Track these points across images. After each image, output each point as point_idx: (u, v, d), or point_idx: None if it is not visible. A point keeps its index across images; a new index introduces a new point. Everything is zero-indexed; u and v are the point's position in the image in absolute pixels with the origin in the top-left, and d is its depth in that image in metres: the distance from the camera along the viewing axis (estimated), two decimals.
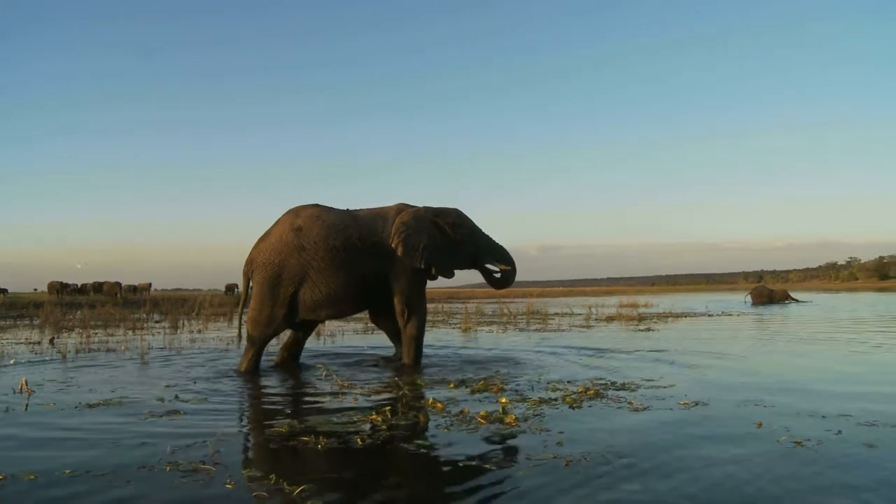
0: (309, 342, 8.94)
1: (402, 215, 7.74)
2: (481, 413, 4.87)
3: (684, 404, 5.37)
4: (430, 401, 5.45)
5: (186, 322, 16.51)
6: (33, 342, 11.27)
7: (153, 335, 12.80)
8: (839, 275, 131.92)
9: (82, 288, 42.76)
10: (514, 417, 4.75)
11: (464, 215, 8.30)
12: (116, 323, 16.14)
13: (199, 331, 14.07)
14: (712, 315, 20.80)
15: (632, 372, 7.29)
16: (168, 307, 21.78)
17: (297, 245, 7.37)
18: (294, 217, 7.61)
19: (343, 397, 5.83)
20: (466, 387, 6.25)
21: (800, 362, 8.43)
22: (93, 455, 3.95)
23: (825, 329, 14.20)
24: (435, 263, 7.76)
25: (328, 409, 5.35)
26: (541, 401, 5.50)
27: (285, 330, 7.89)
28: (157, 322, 17.25)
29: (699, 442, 4.23)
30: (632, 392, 5.98)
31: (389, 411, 5.05)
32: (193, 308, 20.65)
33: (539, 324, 16.22)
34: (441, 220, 7.95)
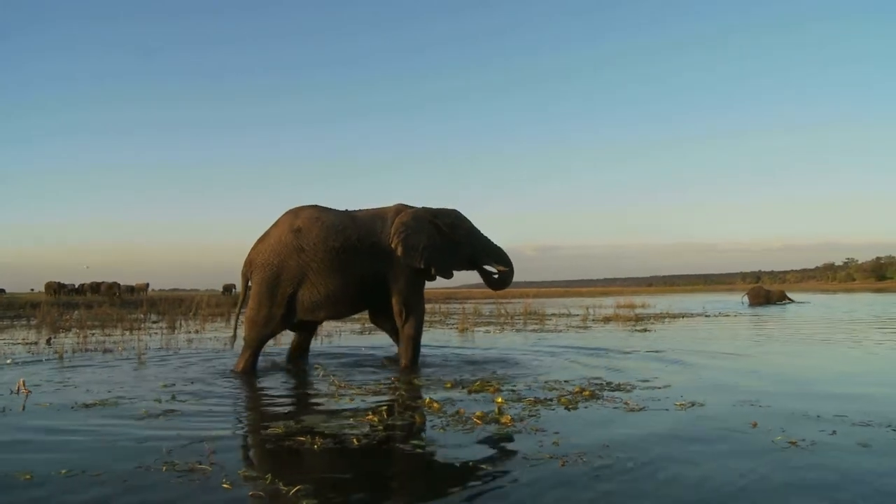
0: None
1: (402, 215, 7.74)
2: (477, 413, 4.89)
3: (680, 405, 5.38)
4: (427, 401, 5.46)
5: (183, 322, 16.50)
6: (30, 342, 11.26)
7: (150, 335, 12.79)
8: (836, 276, 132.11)
9: (80, 288, 42.75)
10: (509, 418, 4.77)
11: (462, 216, 8.31)
12: (113, 323, 16.13)
13: (197, 331, 14.06)
14: (709, 316, 20.83)
15: (628, 372, 7.31)
16: (165, 307, 21.76)
17: (296, 246, 7.37)
18: (293, 218, 7.60)
19: (340, 398, 5.84)
20: (463, 387, 6.26)
21: (796, 363, 8.45)
22: (89, 455, 3.95)
23: (822, 330, 14.23)
24: (434, 264, 7.76)
25: (325, 410, 5.36)
26: (536, 401, 5.52)
27: (283, 331, 7.89)
28: (155, 322, 17.24)
29: (694, 442, 4.24)
30: (627, 393, 6.00)
31: (386, 412, 5.06)
32: (191, 308, 20.64)
33: (536, 324, 16.24)
34: (440, 221, 7.96)
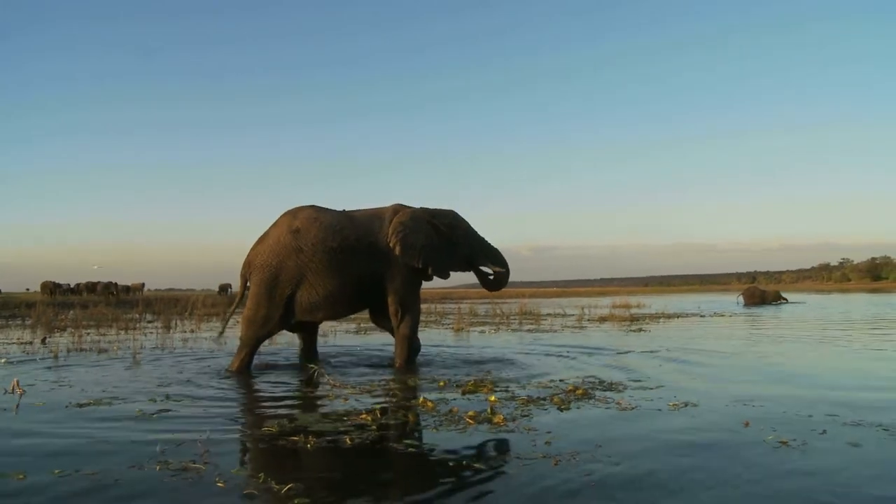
0: None
1: (400, 215, 7.77)
2: (470, 413, 4.91)
3: (673, 405, 5.40)
4: (421, 400, 5.48)
5: (179, 322, 16.48)
6: (25, 342, 11.24)
7: (145, 335, 12.78)
8: (832, 276, 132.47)
9: (76, 288, 42.64)
10: (502, 417, 4.79)
11: (460, 217, 8.35)
12: (109, 323, 16.10)
13: (192, 331, 14.05)
14: (704, 316, 20.89)
15: (621, 372, 7.34)
16: (161, 307, 21.71)
17: (294, 247, 7.38)
18: (291, 219, 7.61)
19: (334, 397, 5.86)
20: (457, 387, 6.28)
21: (789, 363, 8.48)
22: (82, 455, 3.96)
23: (816, 330, 14.29)
24: (432, 264, 7.79)
25: (319, 409, 5.37)
26: (529, 400, 5.54)
27: (280, 332, 7.88)
28: (150, 322, 17.22)
29: (686, 442, 4.26)
30: (620, 392, 6.02)
31: (379, 411, 5.08)
32: (186, 308, 20.61)
33: (531, 324, 16.27)
34: (438, 221, 8.00)
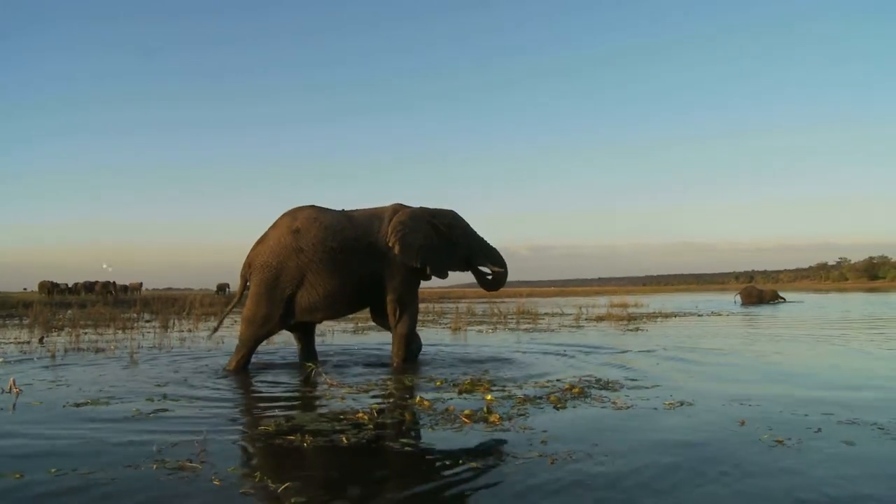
0: None
1: (399, 214, 7.79)
2: (466, 412, 4.92)
3: (669, 404, 5.42)
4: (417, 399, 5.49)
5: (177, 321, 16.48)
6: (22, 341, 11.24)
7: (143, 335, 12.79)
8: (829, 275, 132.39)
9: (73, 287, 42.61)
10: (498, 416, 4.80)
11: (459, 217, 8.38)
12: (106, 322, 16.10)
13: (189, 330, 14.05)
14: (702, 315, 20.91)
15: (618, 371, 7.35)
16: (158, 307, 21.72)
17: (295, 247, 7.39)
18: (291, 220, 7.62)
19: (331, 396, 5.87)
20: (454, 385, 6.30)
21: (785, 362, 8.50)
22: (79, 454, 3.97)
23: (813, 329, 14.31)
24: (431, 263, 7.81)
25: (315, 408, 5.39)
26: (526, 399, 5.56)
27: (279, 332, 7.87)
28: (148, 322, 17.22)
29: (681, 441, 4.27)
30: (616, 391, 6.03)
31: (376, 410, 5.10)
32: (184, 308, 20.61)
33: (529, 323, 16.29)
34: (437, 221, 8.02)
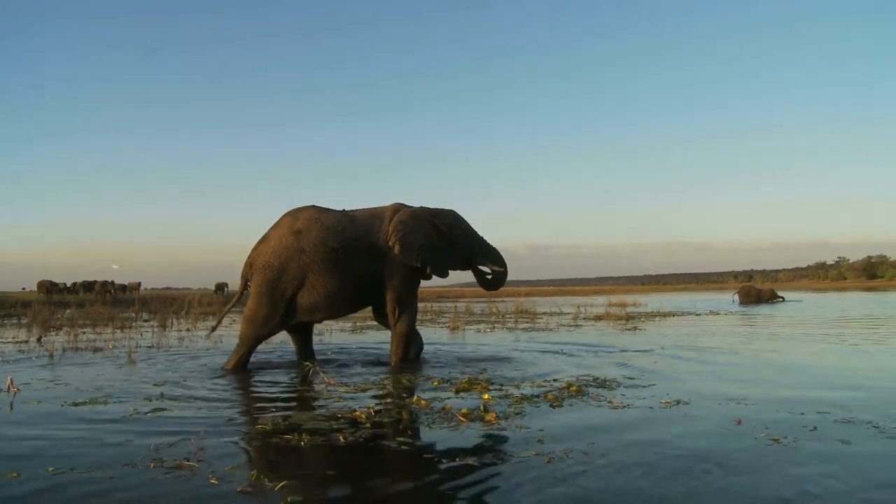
0: None
1: (400, 214, 7.81)
2: (463, 410, 4.93)
3: (665, 403, 5.43)
4: (415, 398, 5.50)
5: (175, 321, 16.48)
6: (21, 341, 11.24)
7: (141, 334, 12.79)
8: (828, 274, 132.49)
9: (72, 287, 42.58)
10: (494, 415, 4.81)
11: (460, 216, 8.41)
12: (105, 322, 16.10)
13: (188, 329, 14.06)
14: (700, 314, 20.93)
15: (615, 370, 7.37)
16: (157, 306, 21.72)
17: (297, 248, 7.40)
18: (293, 220, 7.63)
19: (328, 395, 5.88)
20: (451, 384, 6.31)
21: (784, 361, 8.51)
22: (76, 453, 3.98)
23: (811, 328, 14.33)
24: (431, 262, 7.83)
25: (313, 407, 5.40)
26: (523, 398, 5.57)
27: (279, 332, 7.87)
28: (146, 321, 17.23)
29: (676, 440, 4.28)
30: (613, 390, 6.05)
31: (373, 409, 5.11)
32: (182, 307, 20.61)
33: (527, 323, 16.31)
34: (438, 221, 8.05)
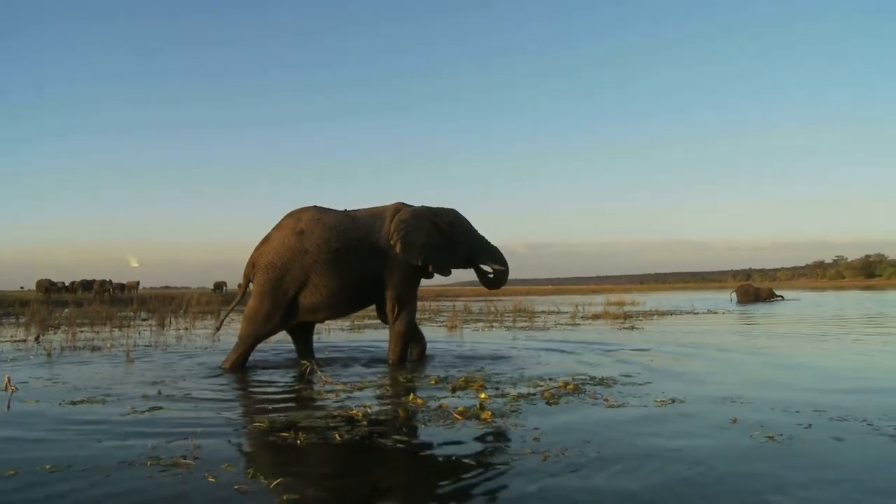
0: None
1: (402, 213, 7.84)
2: (459, 408, 4.95)
3: (660, 401, 5.45)
4: (411, 397, 5.52)
5: (173, 320, 16.49)
6: (19, 340, 11.26)
7: (139, 333, 12.80)
8: (826, 273, 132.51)
9: (71, 286, 42.59)
10: (490, 413, 4.83)
11: (461, 215, 8.44)
12: (103, 321, 16.11)
13: (186, 328, 14.08)
14: (698, 313, 20.96)
15: (612, 368, 7.39)
16: (155, 305, 21.72)
17: (300, 249, 7.42)
18: (295, 221, 7.65)
19: (325, 394, 5.90)
20: (448, 383, 6.33)
21: (780, 360, 8.52)
22: (74, 451, 3.99)
23: (808, 327, 14.36)
24: (433, 261, 7.87)
25: (310, 405, 5.42)
26: (519, 396, 5.60)
27: (279, 332, 7.89)
28: (144, 320, 17.24)
29: (673, 438, 4.30)
30: (609, 388, 6.08)
31: (369, 407, 5.13)
32: (181, 306, 20.62)
33: (525, 321, 16.33)
34: (439, 220, 8.09)
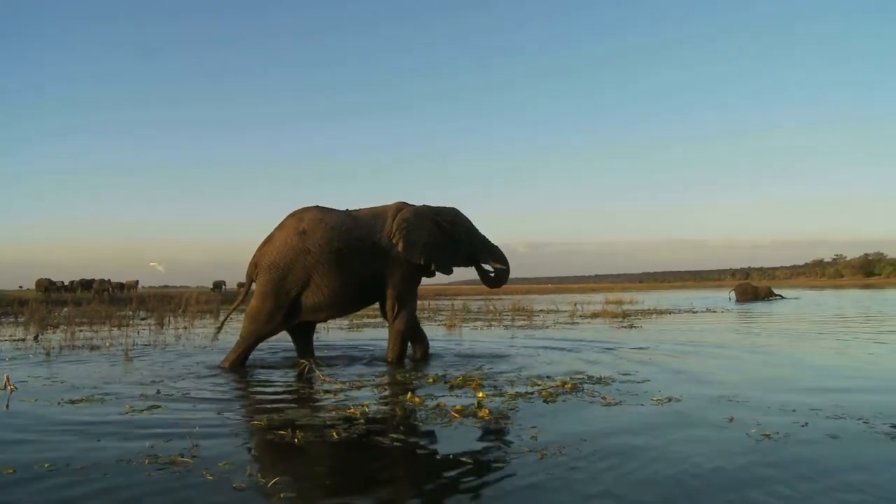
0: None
1: (404, 212, 7.88)
2: (456, 407, 4.97)
3: (657, 400, 5.46)
4: (409, 395, 5.54)
5: (172, 319, 16.50)
6: (18, 339, 11.26)
7: (138, 332, 12.81)
8: (825, 272, 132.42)
9: (70, 286, 42.57)
10: (487, 412, 4.85)
11: (462, 214, 8.48)
12: (102, 320, 16.12)
13: (185, 328, 14.09)
14: (696, 312, 20.97)
15: (610, 367, 7.41)
16: (154, 304, 21.73)
17: (302, 249, 7.45)
18: (297, 221, 7.68)
19: (324, 392, 5.91)
20: (446, 382, 6.35)
21: (777, 358, 8.54)
22: (73, 449, 4.01)
23: (806, 326, 14.38)
24: (435, 260, 7.91)
25: (308, 404, 5.43)
26: (517, 395, 5.62)
27: (281, 331, 7.90)
28: (143, 319, 17.25)
29: (670, 436, 4.31)
30: (607, 386, 6.10)
31: (367, 405, 5.14)
32: (180, 305, 20.63)
33: (524, 320, 16.35)
34: (441, 219, 8.12)
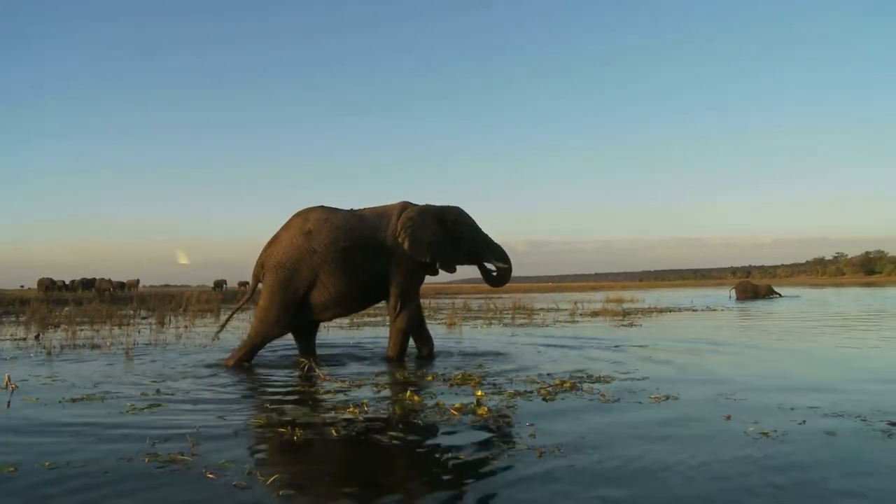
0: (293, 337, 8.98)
1: (408, 211, 7.95)
2: (455, 405, 4.99)
3: (655, 398, 5.48)
4: (408, 393, 5.56)
5: (173, 318, 16.52)
6: (19, 338, 11.28)
7: (139, 331, 12.83)
8: (826, 270, 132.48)
9: (71, 285, 42.62)
10: (486, 409, 4.87)
11: (465, 213, 8.54)
12: (103, 319, 16.14)
13: (186, 327, 14.11)
14: (696, 310, 21.00)
15: (610, 365, 7.43)
16: (155, 303, 21.75)
17: (308, 249, 7.49)
18: (303, 221, 7.73)
19: (324, 391, 5.93)
20: (445, 380, 6.37)
21: (775, 356, 8.56)
22: (73, 448, 4.02)
23: (806, 323, 14.39)
24: (439, 258, 7.98)
25: (307, 402, 5.45)
26: (516, 393, 5.63)
27: (289, 332, 7.93)
28: (144, 318, 17.27)
29: (668, 434, 4.33)
30: (606, 384, 6.11)
31: (366, 404, 5.16)
32: (181, 304, 20.65)
33: (524, 319, 16.37)
34: (444, 217, 8.18)
